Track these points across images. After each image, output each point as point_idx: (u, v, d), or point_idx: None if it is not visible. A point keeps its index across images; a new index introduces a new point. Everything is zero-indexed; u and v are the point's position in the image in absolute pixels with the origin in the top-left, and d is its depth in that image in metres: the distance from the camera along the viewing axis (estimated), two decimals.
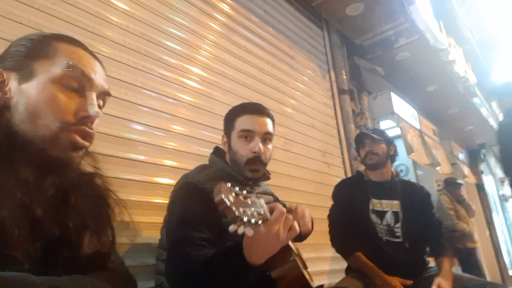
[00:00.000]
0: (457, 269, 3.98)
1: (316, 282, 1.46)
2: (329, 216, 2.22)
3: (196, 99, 2.24)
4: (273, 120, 1.49)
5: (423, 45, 4.39)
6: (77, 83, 0.72)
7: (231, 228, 0.80)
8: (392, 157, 2.24)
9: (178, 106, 2.11)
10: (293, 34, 3.42)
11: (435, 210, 2.28)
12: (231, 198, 0.83)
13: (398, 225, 2.07)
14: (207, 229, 1.18)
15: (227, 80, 2.51)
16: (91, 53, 0.79)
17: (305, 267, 1.54)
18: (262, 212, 0.89)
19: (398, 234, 2.06)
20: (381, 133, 2.24)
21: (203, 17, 2.50)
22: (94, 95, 0.74)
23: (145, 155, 1.84)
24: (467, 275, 2.13)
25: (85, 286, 0.61)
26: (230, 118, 1.47)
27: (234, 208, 0.80)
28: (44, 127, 0.66)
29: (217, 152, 1.53)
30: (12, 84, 0.69)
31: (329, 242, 2.37)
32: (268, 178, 1.57)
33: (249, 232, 0.81)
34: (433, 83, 5.33)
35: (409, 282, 1.86)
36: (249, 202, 0.89)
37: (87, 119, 0.71)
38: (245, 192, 0.90)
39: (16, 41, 0.75)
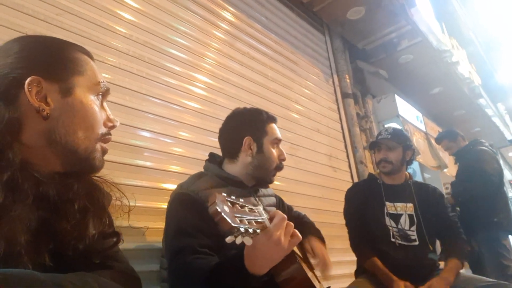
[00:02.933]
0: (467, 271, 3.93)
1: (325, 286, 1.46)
2: (347, 223, 2.20)
3: (201, 105, 2.26)
4: None
5: (426, 47, 4.39)
6: (102, 98, 0.79)
7: (228, 239, 0.77)
8: (408, 162, 2.20)
9: (184, 113, 2.13)
10: (295, 40, 3.44)
11: (450, 209, 2.25)
12: (226, 208, 0.79)
13: (413, 228, 2.04)
14: (206, 236, 1.18)
15: (232, 86, 2.53)
16: (93, 59, 0.84)
17: (312, 268, 1.53)
18: (261, 220, 0.87)
19: (413, 237, 2.03)
20: (399, 137, 2.15)
21: (207, 26, 2.53)
22: (107, 105, 0.80)
23: (152, 161, 1.85)
24: (476, 276, 2.10)
25: (91, 283, 0.61)
26: (261, 123, 1.48)
27: (229, 219, 0.76)
28: (86, 138, 0.72)
29: (212, 158, 1.54)
30: (53, 95, 0.70)
31: (337, 247, 2.37)
32: (267, 186, 1.58)
33: (248, 241, 0.79)
34: (438, 85, 5.32)
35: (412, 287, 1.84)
36: (247, 211, 0.86)
37: (113, 129, 0.79)
38: (242, 200, 0.87)
39: (39, 45, 0.75)
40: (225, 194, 0.83)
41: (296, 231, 0.96)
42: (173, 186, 1.87)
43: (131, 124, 1.82)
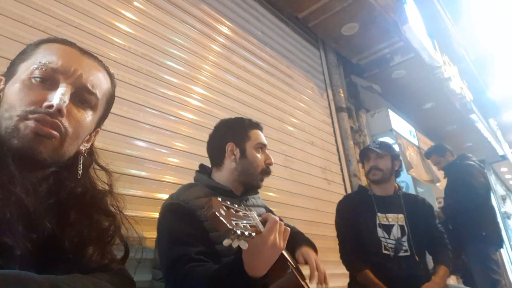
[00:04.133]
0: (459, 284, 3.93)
1: None
2: (338, 235, 2.22)
3: (197, 116, 2.28)
4: None
5: (418, 63, 4.49)
6: (47, 77, 0.72)
7: (225, 242, 0.80)
8: (397, 172, 2.25)
9: (180, 124, 2.16)
10: (290, 54, 3.50)
11: (438, 221, 2.29)
12: (223, 212, 0.82)
13: (405, 238, 2.07)
14: (199, 243, 1.19)
15: (228, 98, 2.57)
16: (82, 51, 0.80)
17: (304, 278, 1.55)
18: (254, 224, 0.90)
19: (405, 247, 2.06)
20: (387, 147, 2.24)
21: (204, 39, 2.58)
22: (65, 88, 0.72)
23: (147, 171, 1.87)
24: (463, 286, 2.13)
25: (87, 285, 0.62)
26: (243, 129, 1.54)
27: (226, 221, 0.79)
28: (8, 118, 0.68)
29: (202, 169, 1.59)
30: (3, 88, 0.74)
31: (330, 259, 2.37)
32: (257, 193, 1.61)
33: (244, 245, 0.81)
34: (430, 100, 5.41)
35: None
36: (241, 215, 0.89)
37: (50, 109, 0.69)
38: (235, 205, 0.91)
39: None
40: (220, 199, 0.86)
41: (288, 231, 1.01)
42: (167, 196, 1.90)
43: (127, 134, 1.83)
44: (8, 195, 0.61)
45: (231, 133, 1.54)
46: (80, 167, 0.80)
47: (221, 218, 0.79)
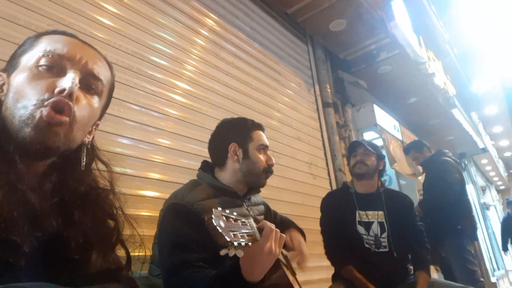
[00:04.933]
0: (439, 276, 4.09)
1: None
2: (322, 231, 2.29)
3: (184, 113, 2.31)
4: None
5: (403, 59, 4.57)
6: (54, 64, 0.73)
7: (222, 252, 0.86)
8: (380, 172, 2.32)
9: (166, 120, 2.18)
10: (279, 50, 3.53)
11: (418, 218, 2.38)
12: (222, 223, 0.87)
13: (384, 235, 2.15)
14: (201, 249, 1.22)
15: (216, 95, 2.59)
16: (83, 41, 0.81)
17: (294, 274, 1.62)
18: (251, 233, 0.95)
19: (384, 244, 2.14)
20: (375, 147, 2.30)
21: (192, 35, 2.59)
22: (73, 73, 0.73)
23: (132, 168, 1.90)
24: (446, 282, 2.23)
25: None
26: (245, 130, 1.55)
27: (225, 234, 0.85)
28: (22, 108, 0.68)
29: (205, 166, 1.58)
30: (6, 82, 0.74)
31: (315, 252, 2.45)
32: (259, 191, 1.64)
33: (240, 254, 0.88)
34: (414, 95, 5.53)
35: None
36: (240, 224, 0.94)
37: (62, 93, 0.69)
38: (235, 213, 0.95)
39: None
40: (220, 209, 0.91)
41: (283, 237, 1.07)
42: (152, 193, 1.93)
43: (111, 131, 1.84)
44: (15, 193, 0.62)
45: (234, 134, 1.55)
46: (83, 159, 0.80)
47: (220, 230, 0.84)
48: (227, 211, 0.93)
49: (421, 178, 5.26)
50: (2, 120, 0.69)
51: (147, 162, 1.99)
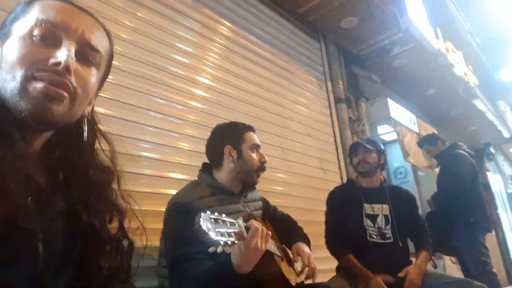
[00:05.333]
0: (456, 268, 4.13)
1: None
2: (325, 222, 2.46)
3: (199, 117, 2.50)
4: None
5: (419, 52, 4.58)
6: (48, 33, 0.68)
7: (210, 249, 1.04)
8: (382, 165, 2.45)
9: (183, 125, 2.38)
10: (290, 49, 3.66)
11: (419, 211, 2.50)
12: (209, 225, 1.03)
13: (388, 226, 2.29)
14: (199, 243, 1.37)
15: (229, 98, 2.78)
16: (79, 7, 0.75)
17: (291, 264, 1.78)
18: (239, 231, 1.11)
19: (388, 235, 2.28)
20: (374, 143, 2.43)
21: (204, 41, 2.77)
22: (70, 44, 0.69)
23: (153, 169, 2.12)
24: (443, 273, 2.35)
25: None
26: (238, 133, 1.73)
27: (211, 234, 1.02)
28: (12, 79, 0.64)
29: (205, 168, 1.77)
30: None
31: (322, 244, 2.60)
32: (254, 188, 1.81)
33: (227, 250, 1.05)
34: (432, 87, 5.50)
35: (390, 278, 2.09)
36: (228, 224, 1.10)
37: (58, 66, 0.65)
38: (223, 215, 1.11)
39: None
40: (209, 212, 1.07)
41: (270, 234, 1.24)
42: (172, 191, 2.14)
43: (134, 137, 2.06)
44: (22, 177, 0.61)
45: (228, 137, 1.73)
46: (85, 130, 0.78)
47: (206, 231, 1.02)
48: (216, 213, 1.09)
49: (437, 170, 5.27)
50: None
51: (168, 164, 2.21)
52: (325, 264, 3.12)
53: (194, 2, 2.79)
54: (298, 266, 1.73)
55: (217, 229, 1.04)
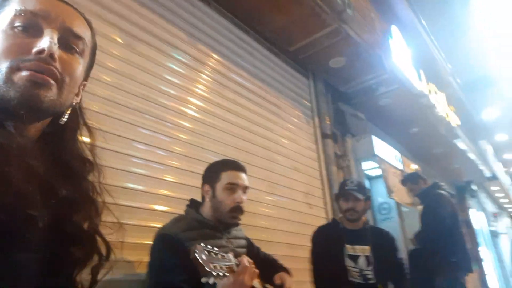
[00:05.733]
0: None
1: None
2: (310, 260, 2.48)
3: (188, 149, 2.53)
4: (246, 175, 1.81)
5: (403, 93, 4.76)
6: (29, 23, 0.68)
7: (203, 280, 1.08)
8: (367, 210, 2.54)
9: (170, 157, 2.40)
10: (280, 85, 3.77)
11: (400, 252, 2.55)
12: (204, 257, 1.09)
13: (370, 268, 2.32)
14: (184, 273, 1.42)
15: (217, 130, 2.82)
16: None
17: None
18: (229, 265, 1.17)
19: (370, 276, 2.31)
20: (363, 191, 2.48)
21: (195, 75, 2.83)
22: (52, 32, 0.69)
23: (139, 201, 2.13)
24: None
25: None
26: (215, 171, 1.77)
27: (205, 265, 1.07)
28: None
29: (192, 204, 1.81)
30: None
31: (308, 279, 2.61)
32: (237, 225, 1.82)
33: (218, 283, 1.11)
34: (416, 126, 5.69)
35: None
36: (220, 257, 1.16)
37: (42, 54, 0.65)
38: (216, 249, 1.17)
39: None
40: (203, 245, 1.12)
41: (256, 270, 1.27)
42: (157, 225, 2.14)
43: (120, 168, 2.06)
44: (23, 166, 0.61)
45: (207, 175, 1.80)
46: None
47: (201, 262, 1.07)
48: (209, 246, 1.15)
49: (420, 208, 5.36)
50: None
51: (154, 196, 2.20)
52: None
53: (189, 37, 2.89)
54: None
55: (211, 261, 1.10)
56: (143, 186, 2.18)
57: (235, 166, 1.78)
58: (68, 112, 0.76)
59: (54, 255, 0.67)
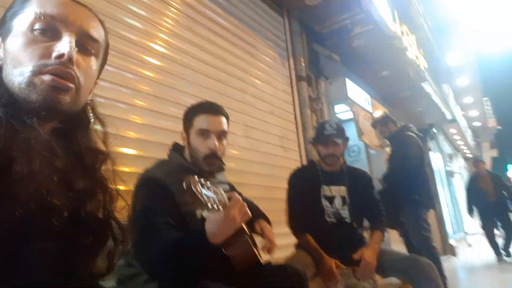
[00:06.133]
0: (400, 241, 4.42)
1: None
2: (286, 202, 2.48)
3: (158, 89, 2.37)
4: (227, 118, 1.66)
5: (377, 34, 4.66)
6: (48, 27, 0.71)
7: (198, 212, 1.08)
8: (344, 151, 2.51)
9: (138, 97, 2.23)
10: (254, 23, 3.57)
11: (375, 191, 2.60)
12: (199, 189, 1.04)
13: (345, 207, 2.36)
14: (168, 214, 1.36)
15: (190, 70, 2.66)
16: (75, 1, 0.79)
17: (255, 245, 1.80)
18: (222, 199, 1.13)
19: (344, 215, 2.35)
20: (342, 133, 2.41)
21: (162, 6, 2.58)
22: (70, 36, 0.72)
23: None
24: (395, 250, 2.48)
25: None
26: (189, 116, 1.63)
27: (201, 197, 1.03)
28: (19, 74, 0.68)
29: (176, 148, 1.68)
30: (1, 47, 0.73)
31: (283, 220, 2.66)
32: (222, 170, 1.74)
33: (210, 215, 1.08)
34: (387, 69, 5.68)
35: (343, 267, 2.15)
36: (212, 191, 1.11)
37: (62, 58, 0.69)
38: (208, 183, 1.12)
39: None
40: (196, 177, 1.08)
41: (247, 210, 1.22)
42: (127, 169, 2.03)
43: None
44: (44, 158, 0.65)
45: (183, 120, 1.66)
46: (91, 117, 0.83)
47: (197, 193, 1.03)
48: (202, 180, 1.10)
49: (388, 149, 5.54)
50: (5, 86, 0.69)
51: (121, 138, 2.05)
52: (284, 240, 3.20)
53: None
54: (258, 240, 1.74)
55: (204, 193, 1.06)
56: (108, 128, 2.02)
57: (208, 108, 1.60)
58: (90, 112, 0.83)
59: (74, 242, 0.72)
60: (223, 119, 1.62)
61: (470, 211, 6.98)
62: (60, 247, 0.68)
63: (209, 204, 1.03)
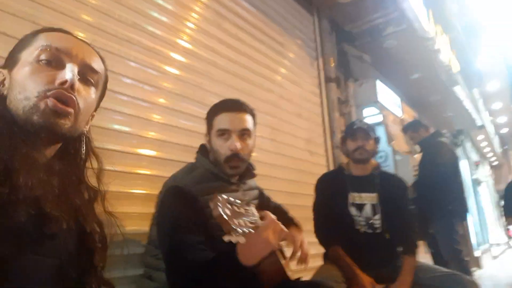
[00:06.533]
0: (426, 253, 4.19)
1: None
2: (313, 209, 2.31)
3: (182, 87, 2.24)
4: (253, 115, 1.50)
5: (410, 34, 4.44)
6: (53, 58, 0.78)
7: (226, 238, 0.91)
8: (376, 153, 2.32)
9: (161, 94, 2.11)
10: (283, 21, 3.40)
11: (410, 203, 2.40)
12: (228, 211, 0.92)
13: (377, 217, 2.17)
14: (199, 231, 1.23)
15: (216, 69, 2.51)
16: (77, 38, 0.86)
17: (284, 258, 1.65)
18: (253, 221, 0.99)
19: (376, 225, 2.16)
20: (373, 130, 2.27)
21: (189, 2, 2.45)
22: (73, 65, 0.79)
23: (124, 145, 1.86)
24: (433, 266, 2.28)
25: None
26: (210, 117, 1.49)
27: (230, 221, 0.91)
28: (25, 99, 0.73)
29: (203, 150, 1.53)
30: (7, 77, 0.79)
31: (309, 228, 2.49)
32: (254, 176, 1.60)
33: (242, 240, 0.91)
34: (418, 71, 5.43)
35: (377, 286, 1.97)
36: (243, 212, 0.99)
37: (64, 84, 0.75)
38: (238, 201, 0.99)
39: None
40: (225, 197, 0.96)
41: (284, 228, 1.09)
42: (146, 172, 1.91)
43: (106, 107, 1.77)
44: (44, 178, 0.71)
45: (206, 123, 1.52)
46: (83, 148, 0.88)
47: (226, 218, 0.91)
48: (231, 199, 0.98)
49: (417, 156, 5.28)
50: (9, 112, 0.74)
51: (140, 138, 1.94)
52: (313, 249, 3.03)
53: None
54: (289, 251, 1.58)
55: (235, 216, 0.94)
56: (129, 127, 1.89)
57: (228, 106, 1.46)
58: (84, 143, 0.88)
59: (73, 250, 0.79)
60: (246, 116, 1.46)
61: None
62: (63, 253, 0.74)
63: (239, 230, 0.92)
